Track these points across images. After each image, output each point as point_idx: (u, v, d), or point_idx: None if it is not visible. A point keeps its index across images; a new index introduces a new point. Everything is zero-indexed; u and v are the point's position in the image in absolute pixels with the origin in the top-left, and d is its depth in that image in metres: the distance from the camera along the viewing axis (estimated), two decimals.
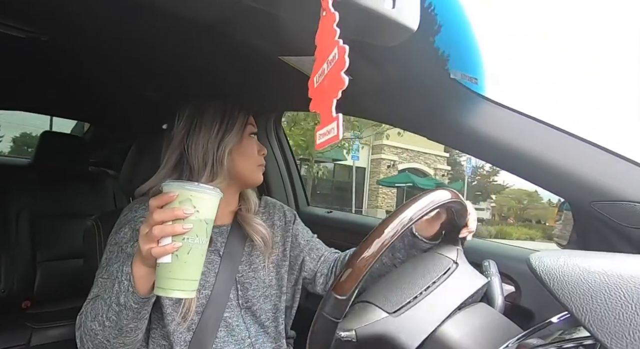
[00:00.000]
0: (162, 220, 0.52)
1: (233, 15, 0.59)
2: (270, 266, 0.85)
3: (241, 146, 0.80)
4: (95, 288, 0.70)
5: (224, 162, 0.76)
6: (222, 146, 0.77)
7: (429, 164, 17.25)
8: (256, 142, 0.84)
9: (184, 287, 0.53)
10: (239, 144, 0.79)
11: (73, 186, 1.67)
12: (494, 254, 0.86)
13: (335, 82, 0.38)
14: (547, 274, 0.39)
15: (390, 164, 15.93)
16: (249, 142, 0.82)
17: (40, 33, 0.84)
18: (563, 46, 27.85)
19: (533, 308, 0.79)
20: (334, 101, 0.38)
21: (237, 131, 0.79)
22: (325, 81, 0.40)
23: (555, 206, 1.28)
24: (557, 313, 0.51)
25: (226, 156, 0.77)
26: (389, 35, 0.51)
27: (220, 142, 0.77)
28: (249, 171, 0.81)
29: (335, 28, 0.39)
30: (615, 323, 0.34)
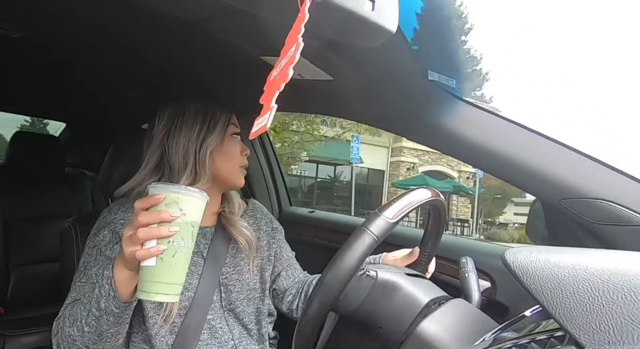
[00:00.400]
0: (147, 222, 0.51)
1: (213, 15, 0.58)
2: (255, 269, 0.84)
3: (223, 147, 0.78)
4: (73, 292, 0.67)
5: (205, 163, 0.75)
6: (204, 147, 0.75)
7: (452, 167, 16.48)
8: (239, 142, 0.82)
9: (168, 291, 0.52)
10: (220, 144, 0.77)
11: (48, 187, 1.61)
12: (470, 251, 0.88)
13: (283, 75, 0.39)
14: (520, 269, 0.40)
15: (410, 167, 15.50)
16: (231, 143, 0.80)
17: (10, 29, 0.80)
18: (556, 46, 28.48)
19: (508, 302, 0.81)
20: (277, 93, 0.39)
21: (219, 131, 0.77)
22: (277, 75, 0.40)
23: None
24: (530, 306, 0.52)
25: (208, 156, 0.75)
26: (368, 37, 0.51)
27: (202, 143, 0.75)
28: (230, 173, 0.79)
29: (302, 27, 0.39)
30: (583, 315, 0.36)
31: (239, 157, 0.81)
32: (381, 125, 0.91)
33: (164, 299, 0.52)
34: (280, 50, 0.69)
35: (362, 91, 0.80)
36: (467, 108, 0.71)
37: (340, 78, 0.75)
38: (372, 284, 0.56)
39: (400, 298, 0.55)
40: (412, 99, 0.75)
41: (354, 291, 0.55)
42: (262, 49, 0.72)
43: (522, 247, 0.44)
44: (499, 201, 17.69)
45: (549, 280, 0.38)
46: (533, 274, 0.39)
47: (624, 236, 0.62)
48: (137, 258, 0.51)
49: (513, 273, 0.41)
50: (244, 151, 0.82)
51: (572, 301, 0.36)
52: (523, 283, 0.40)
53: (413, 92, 0.73)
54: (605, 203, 0.62)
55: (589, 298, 0.36)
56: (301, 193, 15.36)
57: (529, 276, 0.40)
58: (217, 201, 0.84)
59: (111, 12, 0.68)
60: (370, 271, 0.57)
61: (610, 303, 0.35)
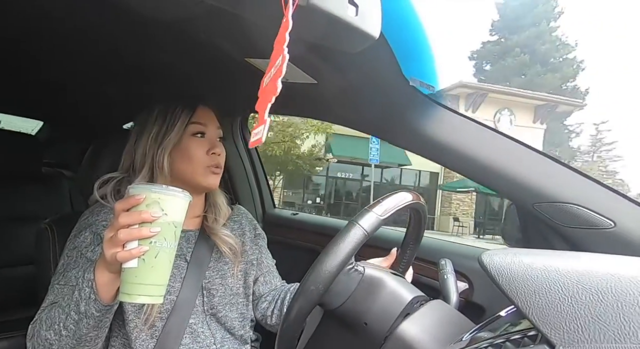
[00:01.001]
0: (128, 223, 0.50)
1: (197, 15, 0.57)
2: (239, 274, 0.82)
3: (182, 147, 0.74)
4: (51, 295, 0.65)
5: (163, 164, 0.72)
6: (161, 147, 0.72)
7: None
8: (209, 141, 0.77)
9: (151, 292, 0.51)
10: (179, 144, 0.74)
11: (23, 187, 1.54)
12: (449, 253, 0.89)
13: (272, 87, 0.39)
14: (496, 271, 0.41)
15: None
16: (191, 143, 0.75)
17: None
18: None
19: (484, 303, 0.83)
20: (268, 105, 0.39)
21: (177, 132, 0.73)
22: (269, 84, 0.40)
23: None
24: (505, 307, 0.53)
25: (165, 158, 0.72)
26: (352, 42, 0.51)
27: (159, 145, 0.73)
28: (192, 173, 0.75)
29: (287, 36, 0.39)
30: (554, 314, 0.36)
31: (204, 157, 0.75)
32: (364, 129, 0.92)
33: (148, 301, 0.51)
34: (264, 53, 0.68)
35: (345, 95, 0.80)
36: (446, 114, 0.73)
37: (324, 81, 0.75)
38: (360, 279, 0.56)
39: (385, 295, 0.55)
40: (394, 104, 0.76)
41: (341, 285, 0.55)
42: (247, 51, 0.71)
43: (497, 250, 0.45)
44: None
45: (523, 281, 0.39)
46: (508, 276, 0.40)
47: (592, 239, 0.64)
48: (119, 260, 0.50)
49: (489, 275, 0.42)
50: (211, 150, 0.76)
51: (544, 302, 0.37)
52: (498, 284, 0.40)
53: (394, 97, 0.74)
54: (575, 207, 0.64)
55: (560, 298, 0.37)
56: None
57: (504, 277, 0.40)
58: (199, 204, 0.81)
59: (90, 10, 0.66)
60: (358, 266, 0.57)
61: (579, 303, 0.36)
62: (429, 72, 0.67)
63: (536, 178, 0.67)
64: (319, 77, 0.73)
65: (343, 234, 0.51)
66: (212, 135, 0.78)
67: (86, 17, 0.70)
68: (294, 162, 11.36)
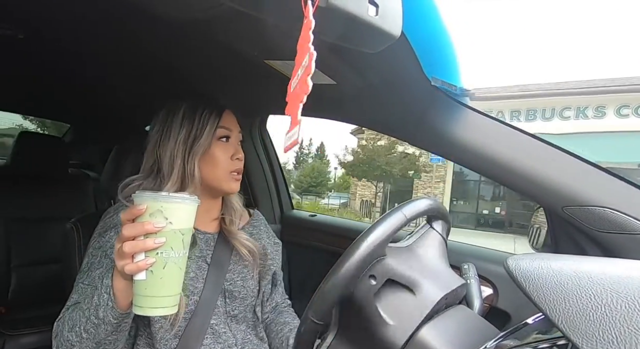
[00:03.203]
0: (133, 235, 0.49)
1: (217, 17, 0.58)
2: (257, 276, 0.83)
3: (210, 152, 0.74)
4: (75, 293, 0.67)
5: (194, 171, 0.72)
6: (192, 153, 0.72)
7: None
8: (231, 145, 0.77)
9: (163, 304, 0.50)
10: (208, 149, 0.73)
11: (51, 188, 1.61)
12: (472, 256, 0.88)
13: (303, 86, 0.39)
14: (523, 276, 0.40)
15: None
16: (219, 147, 0.75)
17: (16, 31, 0.81)
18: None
19: (510, 309, 0.81)
20: (300, 105, 0.39)
21: (207, 136, 0.73)
22: (297, 86, 0.40)
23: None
24: (532, 314, 0.52)
25: (196, 164, 0.72)
26: (372, 42, 0.51)
27: (189, 149, 0.72)
28: (218, 179, 0.75)
29: (311, 34, 0.39)
30: (586, 323, 0.35)
31: (229, 162, 0.75)
32: (383, 129, 0.91)
33: (161, 313, 0.50)
34: (284, 54, 0.69)
35: (365, 96, 0.80)
36: (470, 114, 0.71)
37: (343, 82, 0.75)
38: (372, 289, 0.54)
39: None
40: (415, 105, 0.75)
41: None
42: (266, 52, 0.72)
43: (524, 254, 0.43)
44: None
45: (552, 288, 0.38)
46: (535, 282, 0.39)
47: (627, 244, 0.61)
48: (127, 273, 0.49)
49: (515, 280, 0.41)
50: (235, 155, 0.76)
51: (575, 309, 0.36)
52: (525, 290, 0.39)
53: (415, 97, 0.73)
54: (609, 211, 0.62)
55: (592, 306, 0.35)
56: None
57: (532, 283, 0.39)
58: (216, 207, 0.82)
59: (116, 15, 0.69)
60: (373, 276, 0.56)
61: (613, 311, 0.34)
62: (451, 72, 0.66)
63: (566, 180, 0.65)
64: (338, 77, 0.73)
65: (385, 216, 0.52)
66: (235, 139, 0.78)
67: (112, 23, 0.73)
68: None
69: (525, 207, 12.90)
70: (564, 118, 11.60)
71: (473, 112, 0.71)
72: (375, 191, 14.91)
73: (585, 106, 11.39)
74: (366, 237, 0.50)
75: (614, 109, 11.00)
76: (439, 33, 0.60)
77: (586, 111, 11.39)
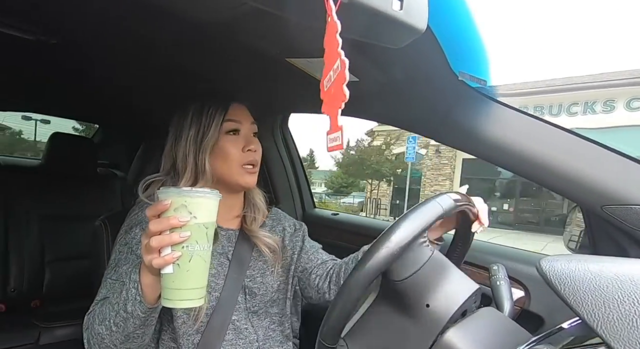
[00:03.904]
0: (159, 230, 0.51)
1: (239, 17, 0.59)
2: (280, 271, 0.84)
3: (219, 146, 0.75)
4: (104, 288, 0.70)
5: (205, 166, 0.74)
6: (201, 150, 0.74)
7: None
8: (244, 138, 0.78)
9: (191, 296, 0.52)
10: (216, 144, 0.75)
11: (81, 187, 1.69)
12: (502, 257, 0.85)
13: (339, 94, 0.39)
14: (557, 279, 0.39)
15: None
16: (227, 141, 0.76)
17: (49, 36, 0.85)
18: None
19: (543, 313, 0.78)
20: (339, 111, 0.40)
21: (214, 131, 0.74)
22: (332, 89, 0.41)
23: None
24: (568, 318, 0.50)
25: (207, 160, 0.74)
26: (396, 38, 0.51)
27: (199, 147, 0.74)
28: (230, 173, 0.76)
29: (338, 38, 0.39)
30: (628, 329, 0.34)
31: (240, 155, 0.76)
32: (408, 127, 0.90)
33: (189, 305, 0.52)
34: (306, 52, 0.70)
35: (388, 92, 0.79)
36: (500, 109, 0.69)
37: (366, 79, 0.75)
38: (429, 257, 0.55)
39: (453, 278, 0.54)
40: (441, 100, 0.74)
41: (411, 257, 0.54)
42: (288, 50, 0.73)
43: (559, 256, 0.42)
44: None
45: (590, 291, 0.37)
46: (572, 285, 0.38)
47: None
48: (155, 267, 0.51)
49: (549, 283, 0.39)
50: (246, 147, 0.77)
51: (616, 315, 0.34)
52: (560, 294, 0.38)
53: (441, 92, 0.72)
54: None
55: (636, 311, 0.34)
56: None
57: (567, 286, 0.38)
58: (238, 204, 0.84)
59: (142, 20, 0.71)
60: (429, 244, 0.57)
61: None
62: (480, 66, 0.64)
63: (606, 177, 0.62)
64: (361, 74, 0.73)
65: (422, 205, 0.52)
66: (247, 131, 0.79)
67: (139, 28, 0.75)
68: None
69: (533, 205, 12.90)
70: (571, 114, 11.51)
71: (504, 107, 0.69)
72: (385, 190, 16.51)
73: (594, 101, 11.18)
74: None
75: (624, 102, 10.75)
76: (467, 26, 0.58)
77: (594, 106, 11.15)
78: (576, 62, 35.42)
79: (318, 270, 0.86)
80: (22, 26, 0.80)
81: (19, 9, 0.73)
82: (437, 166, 13.49)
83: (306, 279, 0.87)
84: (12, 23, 0.78)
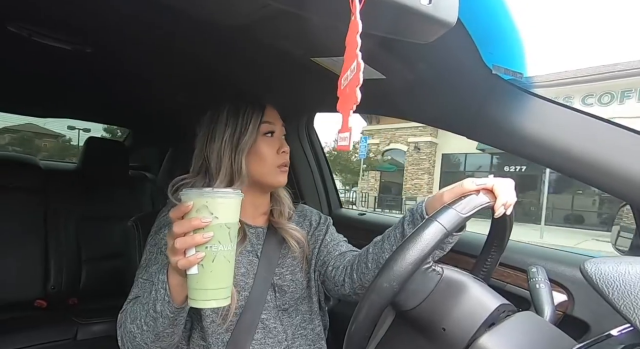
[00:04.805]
0: (182, 232, 0.52)
1: (263, 18, 0.60)
2: (306, 267, 0.86)
3: (256, 148, 0.77)
4: (136, 288, 0.73)
5: (241, 167, 0.75)
6: (238, 150, 0.76)
7: None
8: (278, 139, 0.80)
9: (216, 296, 0.53)
10: (254, 146, 0.77)
11: (114, 189, 1.78)
12: (541, 258, 0.82)
13: (352, 96, 0.40)
14: (605, 282, 0.37)
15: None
16: (264, 143, 0.78)
17: (84, 45, 0.90)
18: None
19: (588, 318, 0.74)
20: (350, 112, 0.40)
21: (251, 133, 0.76)
22: (347, 89, 0.41)
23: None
24: (617, 325, 0.47)
25: (243, 161, 0.75)
26: (424, 33, 0.50)
27: (235, 148, 0.76)
28: (265, 174, 0.79)
29: (358, 39, 0.39)
30: None
31: (275, 157, 0.79)
32: (437, 124, 0.88)
33: (214, 305, 0.53)
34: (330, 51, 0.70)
35: (417, 89, 0.78)
36: (538, 103, 0.66)
37: (393, 76, 0.74)
38: (438, 280, 0.54)
39: (467, 300, 0.52)
40: (473, 96, 0.72)
41: (417, 285, 0.53)
42: (312, 50, 0.73)
43: (606, 258, 0.40)
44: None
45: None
46: (621, 289, 0.36)
47: None
48: (180, 268, 0.53)
49: (595, 286, 0.38)
50: (281, 148, 0.79)
51: None
52: (608, 298, 0.36)
53: (474, 87, 0.70)
54: None
55: None
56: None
57: (617, 290, 0.36)
58: (264, 202, 0.85)
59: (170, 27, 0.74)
60: (436, 267, 0.55)
61: None
62: (515, 58, 0.62)
63: None
64: (387, 71, 0.72)
65: (420, 230, 0.49)
66: (279, 133, 0.82)
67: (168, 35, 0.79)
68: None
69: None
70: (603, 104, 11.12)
71: (542, 100, 0.66)
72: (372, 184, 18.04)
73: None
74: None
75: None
76: (501, 16, 0.56)
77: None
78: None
79: (335, 262, 0.85)
80: (60, 37, 0.85)
81: (58, 20, 0.78)
82: (417, 161, 15.01)
83: (325, 272, 0.86)
84: (51, 34, 0.84)
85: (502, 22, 0.57)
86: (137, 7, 0.64)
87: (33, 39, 0.83)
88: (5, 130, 10.84)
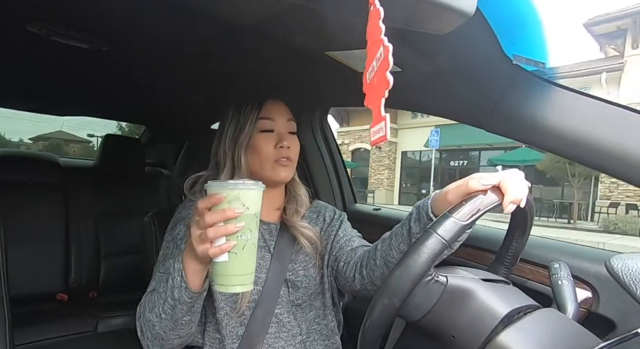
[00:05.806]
0: (214, 222, 0.55)
1: (276, 14, 0.60)
2: (320, 263, 0.86)
3: (253, 143, 0.81)
4: (153, 281, 0.75)
5: (241, 164, 0.79)
6: (237, 147, 0.80)
7: None
8: (276, 135, 0.82)
9: (243, 281, 0.57)
10: (251, 141, 0.81)
11: (131, 185, 1.82)
12: (563, 254, 0.80)
13: (382, 81, 0.39)
14: (632, 278, 0.36)
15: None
16: (260, 138, 0.81)
17: (101, 43, 0.92)
18: None
19: (614, 316, 0.72)
20: (382, 100, 0.39)
21: (248, 130, 0.80)
22: (375, 79, 0.41)
23: None
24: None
25: (242, 156, 0.80)
26: (441, 23, 0.49)
27: (235, 144, 0.80)
28: (262, 168, 0.81)
29: (381, 25, 0.39)
30: None
31: (272, 152, 0.80)
32: (454, 117, 0.87)
33: (241, 290, 0.58)
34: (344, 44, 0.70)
35: (434, 82, 0.77)
36: (562, 93, 0.64)
37: (409, 68, 0.73)
38: (442, 290, 0.54)
39: (474, 307, 0.52)
40: (493, 87, 0.70)
41: (420, 298, 0.54)
42: (326, 44, 0.73)
43: (633, 254, 0.39)
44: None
45: None
46: None
47: None
48: (210, 256, 0.56)
49: (622, 283, 0.37)
50: (279, 143, 0.81)
51: None
52: (636, 296, 0.36)
53: (493, 78, 0.68)
54: None
55: None
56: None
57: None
58: (278, 197, 0.87)
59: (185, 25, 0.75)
60: (439, 277, 0.54)
61: None
62: (537, 47, 0.60)
63: None
64: (403, 64, 0.71)
65: (418, 244, 0.49)
66: (281, 128, 0.83)
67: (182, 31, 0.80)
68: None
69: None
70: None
71: (566, 91, 0.63)
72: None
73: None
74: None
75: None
76: (522, 4, 0.55)
77: None
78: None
79: (347, 257, 0.85)
80: (77, 36, 0.87)
81: (76, 19, 0.80)
82: (379, 158, 16.78)
83: (337, 267, 0.87)
84: (69, 33, 0.86)
85: (522, 9, 0.56)
86: (152, 6, 0.66)
87: (52, 38, 0.86)
88: (40, 138, 13.25)
